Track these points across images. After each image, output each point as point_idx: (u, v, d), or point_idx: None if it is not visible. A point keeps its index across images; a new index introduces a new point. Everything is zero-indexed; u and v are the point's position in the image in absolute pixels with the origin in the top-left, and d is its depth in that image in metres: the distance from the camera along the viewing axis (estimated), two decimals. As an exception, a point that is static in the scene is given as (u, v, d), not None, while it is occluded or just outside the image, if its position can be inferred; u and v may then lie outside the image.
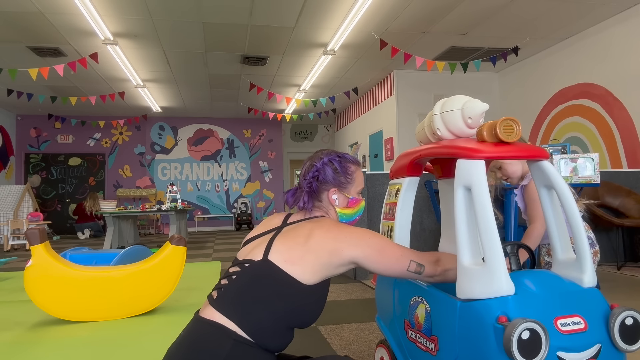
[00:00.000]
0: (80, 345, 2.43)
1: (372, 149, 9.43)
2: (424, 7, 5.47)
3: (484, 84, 8.24)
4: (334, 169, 1.42)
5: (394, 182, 1.67)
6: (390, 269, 1.31)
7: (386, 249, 1.31)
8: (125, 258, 3.30)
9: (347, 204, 1.44)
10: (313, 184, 1.41)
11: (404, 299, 1.47)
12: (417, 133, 1.59)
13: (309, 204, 1.41)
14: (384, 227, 1.69)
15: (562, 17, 5.86)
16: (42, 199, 11.25)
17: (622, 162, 5.78)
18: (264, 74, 8.10)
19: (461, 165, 1.21)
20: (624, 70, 5.70)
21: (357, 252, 1.28)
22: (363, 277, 4.24)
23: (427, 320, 1.31)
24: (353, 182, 1.44)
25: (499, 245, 1.11)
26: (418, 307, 1.37)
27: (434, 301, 1.30)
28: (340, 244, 1.27)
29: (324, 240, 1.28)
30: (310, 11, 5.52)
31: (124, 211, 7.23)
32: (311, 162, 1.44)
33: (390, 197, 1.67)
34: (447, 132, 1.39)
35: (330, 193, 1.42)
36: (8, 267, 5.56)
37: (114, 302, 2.90)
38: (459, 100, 1.37)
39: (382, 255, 1.30)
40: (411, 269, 1.30)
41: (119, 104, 10.08)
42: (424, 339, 1.33)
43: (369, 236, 1.31)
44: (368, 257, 1.29)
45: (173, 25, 5.88)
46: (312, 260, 1.26)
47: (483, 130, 1.23)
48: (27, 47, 6.51)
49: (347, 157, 1.46)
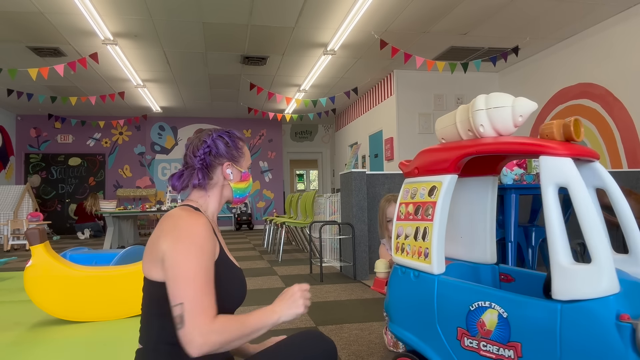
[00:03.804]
0: (80, 345, 2.43)
1: (372, 149, 9.43)
2: (424, 7, 5.47)
3: (484, 84, 8.23)
4: (225, 143, 1.40)
5: (422, 179, 1.53)
6: (169, 286, 1.16)
7: (190, 269, 1.15)
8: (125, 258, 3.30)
9: (241, 177, 1.44)
10: (206, 159, 1.37)
11: (457, 305, 1.36)
12: (442, 129, 1.53)
13: (204, 180, 1.36)
14: (404, 228, 1.55)
15: (562, 17, 5.86)
16: (42, 199, 11.25)
17: (622, 162, 5.78)
18: (264, 74, 8.10)
19: (550, 163, 1.18)
20: (624, 70, 5.70)
21: (167, 245, 1.19)
22: (363, 277, 4.23)
23: (501, 326, 1.23)
24: (243, 156, 1.45)
25: (607, 242, 1.08)
26: (485, 313, 1.28)
27: (515, 305, 1.21)
28: (162, 235, 1.22)
29: (158, 233, 1.24)
30: (310, 11, 5.52)
31: (124, 211, 7.23)
32: (199, 139, 1.39)
33: (417, 196, 1.53)
34: (491, 128, 1.36)
35: (225, 167, 1.39)
36: (8, 267, 5.56)
37: (114, 302, 2.90)
38: (506, 98, 1.35)
39: (181, 266, 1.15)
40: (175, 312, 1.13)
41: (119, 104, 10.08)
42: (495, 346, 1.24)
43: (192, 241, 1.19)
44: (170, 256, 1.17)
45: (173, 25, 5.88)
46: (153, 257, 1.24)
47: (553, 128, 1.23)
48: (27, 47, 6.51)
49: (235, 132, 1.46)
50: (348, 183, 4.40)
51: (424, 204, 1.48)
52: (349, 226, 4.33)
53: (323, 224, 4.79)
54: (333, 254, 5.25)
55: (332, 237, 5.20)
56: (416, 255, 1.49)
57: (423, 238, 1.47)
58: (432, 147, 1.57)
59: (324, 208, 5.92)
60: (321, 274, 4.23)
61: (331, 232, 5.28)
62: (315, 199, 5.97)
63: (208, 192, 1.39)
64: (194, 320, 1.11)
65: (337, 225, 4.93)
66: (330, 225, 5.23)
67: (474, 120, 1.38)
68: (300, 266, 5.17)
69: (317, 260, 4.62)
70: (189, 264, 1.16)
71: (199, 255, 1.18)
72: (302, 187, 16.80)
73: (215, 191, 1.40)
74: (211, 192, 1.39)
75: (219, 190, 1.41)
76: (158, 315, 1.22)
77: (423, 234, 1.47)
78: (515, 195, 3.28)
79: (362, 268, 4.28)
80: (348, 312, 2.97)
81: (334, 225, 5.05)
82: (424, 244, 1.46)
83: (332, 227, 5.22)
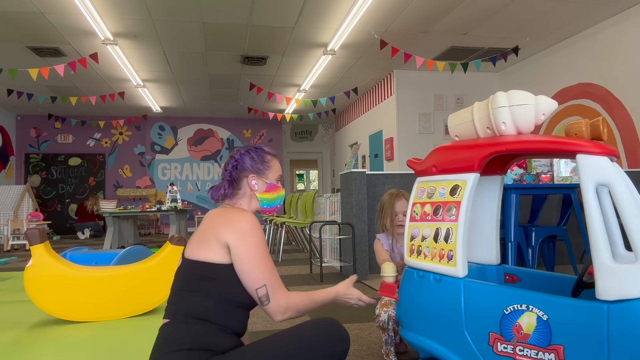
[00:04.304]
0: (80, 345, 2.43)
1: (372, 149, 9.43)
2: (424, 7, 5.47)
3: (484, 84, 8.23)
4: (251, 158, 1.56)
5: (441, 178, 1.46)
6: (247, 274, 1.38)
7: (261, 257, 1.39)
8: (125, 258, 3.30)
9: (267, 188, 1.57)
10: (233, 173, 1.56)
11: (489, 310, 1.31)
12: (457, 126, 1.50)
13: (229, 190, 1.55)
14: (420, 229, 1.48)
15: (562, 17, 5.86)
16: (42, 199, 11.25)
17: (622, 162, 5.78)
18: (264, 74, 8.10)
19: (589, 163, 1.18)
20: (624, 70, 5.70)
21: (233, 237, 1.38)
22: (363, 277, 4.23)
23: (541, 329, 1.20)
24: (270, 169, 1.58)
25: None
26: (522, 316, 1.24)
27: (556, 307, 1.19)
28: (222, 226, 1.41)
29: (216, 224, 1.43)
30: (310, 11, 5.52)
31: (124, 211, 7.23)
32: (231, 156, 1.61)
33: (436, 195, 1.46)
34: (513, 126, 1.34)
35: (250, 179, 1.55)
36: (8, 267, 5.56)
37: (114, 302, 2.90)
38: (528, 95, 1.34)
39: (252, 256, 1.38)
40: (260, 293, 1.38)
41: (119, 104, 10.07)
42: (532, 350, 1.21)
43: (254, 231, 1.40)
44: (238, 247, 1.37)
45: (173, 25, 5.88)
46: (213, 242, 1.40)
47: (582, 127, 1.23)
48: (27, 47, 6.51)
49: (264, 148, 1.61)
50: (348, 183, 4.40)
51: (445, 204, 1.42)
52: (349, 226, 4.33)
53: (323, 224, 4.79)
54: (333, 254, 5.25)
55: (332, 237, 5.20)
56: (437, 258, 1.43)
57: (446, 240, 1.41)
58: (451, 145, 1.51)
59: (324, 208, 5.92)
60: (321, 274, 4.23)
61: (331, 232, 5.28)
62: (315, 199, 5.97)
63: (238, 201, 1.56)
64: (277, 297, 1.39)
65: (337, 225, 4.93)
66: (330, 225, 5.23)
67: (496, 118, 1.36)
68: (300, 266, 5.17)
69: (317, 260, 4.62)
70: (259, 252, 1.39)
71: (263, 244, 1.42)
72: (302, 187, 16.80)
73: (244, 201, 1.56)
74: (241, 202, 1.56)
75: (248, 200, 1.57)
76: (192, 292, 1.37)
77: (445, 235, 1.41)
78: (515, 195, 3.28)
79: (362, 268, 4.28)
80: (348, 311, 2.96)
81: (334, 225, 5.05)
82: (447, 245, 1.40)
83: (332, 227, 5.22)
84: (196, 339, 1.31)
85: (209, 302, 1.35)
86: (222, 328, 1.35)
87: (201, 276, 1.37)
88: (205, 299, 1.35)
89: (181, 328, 1.34)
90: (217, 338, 1.33)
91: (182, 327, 1.34)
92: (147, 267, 2.96)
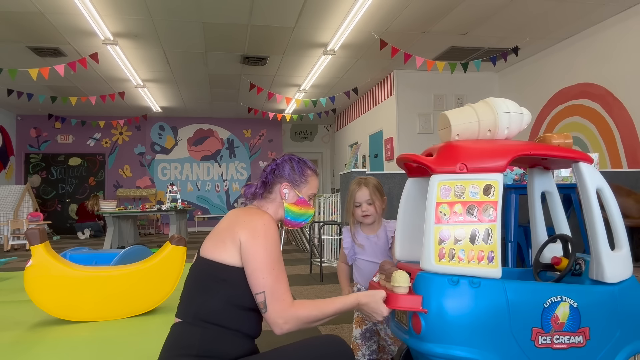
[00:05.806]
0: (80, 345, 2.43)
1: (372, 149, 9.43)
2: (424, 7, 5.47)
3: (484, 84, 8.23)
4: (291, 167, 1.54)
5: (470, 177, 1.39)
6: (250, 277, 1.35)
7: (267, 261, 1.34)
8: (125, 258, 3.30)
9: (296, 201, 1.54)
10: (269, 175, 1.53)
11: (531, 306, 1.36)
12: (461, 125, 1.49)
13: (260, 190, 1.53)
14: (451, 231, 1.38)
15: (562, 17, 5.86)
16: (42, 199, 11.25)
17: (622, 162, 5.78)
18: (264, 74, 8.10)
19: (590, 170, 1.44)
20: (624, 70, 5.70)
21: (245, 237, 1.35)
22: (363, 277, 4.23)
23: (573, 316, 1.38)
24: (307, 183, 1.55)
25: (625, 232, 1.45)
26: (558, 307, 1.37)
27: (582, 294, 1.40)
28: (239, 224, 1.39)
29: (234, 222, 1.41)
30: (310, 11, 5.52)
31: (124, 211, 7.23)
32: (273, 159, 1.58)
33: (466, 195, 1.39)
34: (509, 132, 1.50)
35: (282, 186, 1.52)
36: (8, 267, 5.56)
37: (114, 302, 2.90)
38: (517, 105, 1.51)
39: (258, 259, 1.34)
40: (258, 299, 1.34)
41: (119, 104, 10.07)
42: (566, 336, 1.37)
43: (267, 235, 1.37)
44: (247, 246, 1.34)
45: (173, 25, 5.88)
46: (228, 242, 1.38)
47: (560, 140, 1.54)
48: (27, 47, 6.51)
49: (307, 162, 1.59)
50: (348, 183, 4.40)
51: (480, 204, 1.38)
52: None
53: (323, 224, 4.79)
54: (333, 254, 5.25)
55: (332, 237, 5.20)
56: (475, 261, 1.36)
57: (485, 241, 1.36)
58: (481, 145, 1.45)
59: (324, 208, 5.92)
60: (321, 274, 4.23)
61: (331, 232, 5.28)
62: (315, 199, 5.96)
63: (266, 205, 1.53)
64: (274, 307, 1.32)
65: (337, 225, 4.93)
66: (330, 225, 5.23)
67: (501, 122, 1.47)
68: (300, 266, 5.17)
69: (317, 260, 4.62)
70: (266, 256, 1.34)
71: (274, 249, 1.37)
72: (302, 187, 16.82)
73: (272, 206, 1.53)
74: (268, 206, 1.53)
75: (275, 206, 1.53)
76: (202, 292, 1.36)
77: (485, 236, 1.37)
78: (515, 195, 3.28)
79: (362, 268, 4.27)
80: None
81: (334, 225, 5.05)
82: (487, 247, 1.35)
83: (332, 227, 5.22)
84: (204, 344, 1.29)
85: (217, 305, 1.33)
86: (233, 332, 1.33)
87: (212, 276, 1.36)
88: (214, 301, 1.33)
89: (190, 331, 1.32)
90: (225, 345, 1.31)
91: (191, 330, 1.32)
92: (147, 267, 2.97)
